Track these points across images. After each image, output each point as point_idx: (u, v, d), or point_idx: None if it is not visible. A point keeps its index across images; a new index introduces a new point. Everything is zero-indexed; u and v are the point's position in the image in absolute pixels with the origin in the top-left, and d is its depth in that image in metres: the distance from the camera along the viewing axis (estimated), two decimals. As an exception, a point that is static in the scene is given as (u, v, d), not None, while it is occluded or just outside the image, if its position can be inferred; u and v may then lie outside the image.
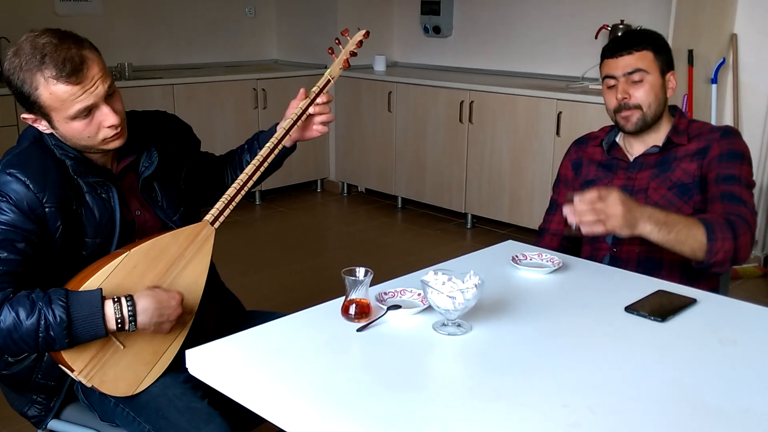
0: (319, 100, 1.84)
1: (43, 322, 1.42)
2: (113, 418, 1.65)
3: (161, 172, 1.74)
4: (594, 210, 1.62)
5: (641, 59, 1.96)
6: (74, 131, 1.54)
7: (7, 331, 1.42)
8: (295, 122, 1.81)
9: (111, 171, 1.67)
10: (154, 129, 1.78)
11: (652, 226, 1.69)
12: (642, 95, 1.95)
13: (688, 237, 1.73)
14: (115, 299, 1.48)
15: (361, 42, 1.89)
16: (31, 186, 1.51)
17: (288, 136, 1.82)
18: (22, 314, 1.41)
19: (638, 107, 1.96)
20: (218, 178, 1.98)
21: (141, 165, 1.70)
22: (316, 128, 1.88)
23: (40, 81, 1.48)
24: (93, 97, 1.51)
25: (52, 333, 1.42)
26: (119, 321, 1.48)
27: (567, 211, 1.65)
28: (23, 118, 1.57)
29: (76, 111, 1.51)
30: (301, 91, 1.86)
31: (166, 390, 1.59)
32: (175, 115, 1.90)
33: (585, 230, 1.65)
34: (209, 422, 1.52)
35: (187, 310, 1.60)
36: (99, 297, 1.46)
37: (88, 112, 1.52)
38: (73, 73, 1.47)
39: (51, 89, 1.48)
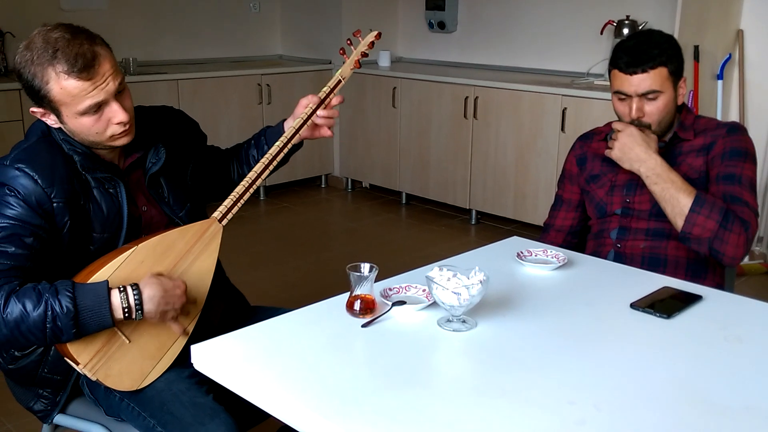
0: (332, 101, 1.83)
1: (50, 313, 1.42)
2: (118, 413, 1.65)
3: (168, 169, 1.74)
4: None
5: (656, 78, 1.89)
6: (83, 127, 1.54)
7: (15, 323, 1.42)
8: (304, 122, 1.81)
9: (118, 167, 1.68)
10: (162, 125, 1.78)
11: (646, 172, 1.86)
12: (655, 112, 1.92)
13: (671, 197, 1.83)
14: (121, 288, 1.48)
15: (372, 43, 1.89)
16: (39, 181, 1.51)
17: (297, 135, 1.82)
18: (29, 306, 1.42)
19: (649, 126, 1.94)
20: (224, 173, 1.98)
21: (148, 161, 1.70)
22: (322, 131, 1.87)
23: (51, 75, 1.48)
24: (103, 93, 1.51)
25: (59, 323, 1.43)
26: (126, 310, 1.48)
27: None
28: (32, 111, 1.58)
29: (85, 107, 1.51)
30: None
31: (171, 385, 1.59)
32: (182, 111, 1.90)
33: (607, 153, 1.96)
34: (214, 417, 1.53)
35: (191, 299, 1.61)
36: (105, 287, 1.47)
37: (98, 108, 1.52)
38: (85, 68, 1.48)
39: (62, 84, 1.48)
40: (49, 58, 1.47)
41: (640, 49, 1.91)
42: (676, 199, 1.82)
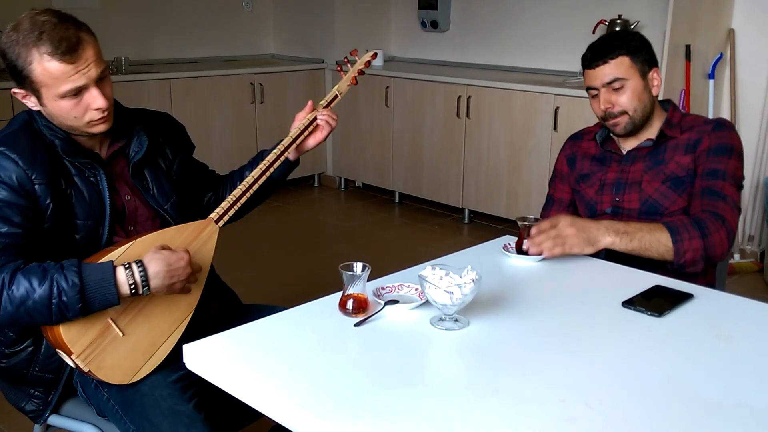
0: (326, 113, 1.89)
1: (56, 288, 1.42)
2: (105, 413, 1.65)
3: (152, 160, 1.75)
4: (550, 237, 1.76)
5: (617, 67, 1.94)
6: (62, 110, 1.55)
7: (20, 299, 1.42)
8: (302, 131, 1.86)
9: (99, 155, 1.68)
10: (146, 119, 1.80)
11: (612, 238, 1.80)
12: (625, 101, 1.95)
13: (652, 242, 1.80)
14: (126, 265, 1.49)
15: (369, 62, 1.99)
16: (20, 163, 1.52)
17: (294, 144, 1.85)
18: (35, 282, 1.42)
19: (624, 113, 1.96)
20: (214, 190, 1.98)
21: (131, 150, 1.71)
22: (318, 131, 1.91)
23: (34, 56, 1.49)
24: (85, 78, 1.52)
25: (65, 299, 1.42)
26: (132, 286, 1.49)
27: (526, 244, 1.79)
28: (13, 92, 1.59)
29: (66, 90, 1.52)
30: (309, 103, 1.92)
31: (155, 390, 1.58)
32: (169, 114, 1.91)
33: (547, 254, 1.77)
34: (190, 427, 1.52)
35: (196, 267, 1.61)
36: (110, 264, 1.48)
37: (78, 92, 1.54)
38: (68, 52, 1.49)
39: (44, 65, 1.50)
40: (35, 40, 1.49)
41: (602, 44, 1.99)
42: (658, 241, 1.80)
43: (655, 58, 2.01)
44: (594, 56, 1.97)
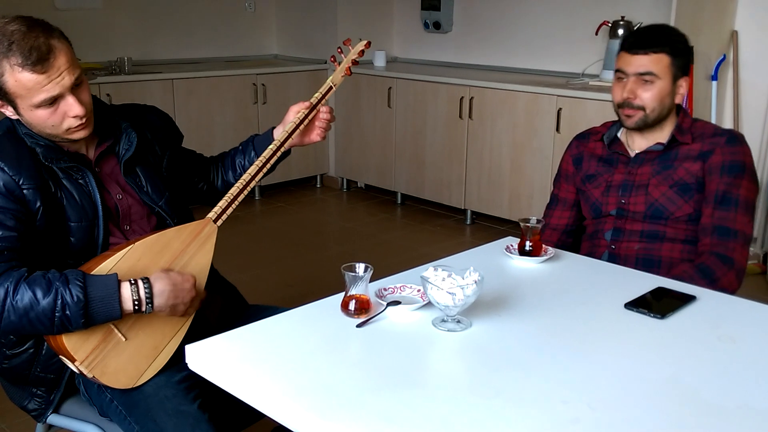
0: (320, 109, 1.87)
1: (59, 302, 1.42)
2: (108, 414, 1.65)
3: (142, 157, 1.75)
4: None
5: (656, 62, 1.91)
6: (38, 119, 1.54)
7: (24, 309, 1.42)
8: (297, 126, 1.84)
9: (84, 156, 1.67)
10: (132, 115, 1.79)
11: None
12: (648, 98, 1.93)
13: None
14: (132, 281, 1.50)
15: (362, 51, 1.96)
16: (6, 169, 1.51)
17: (290, 139, 1.83)
18: (39, 293, 1.42)
19: (641, 108, 1.94)
20: (205, 178, 1.98)
21: (121, 148, 1.70)
22: (316, 133, 1.90)
23: (5, 68, 1.48)
24: (58, 87, 1.51)
25: (68, 312, 1.43)
26: (136, 302, 1.49)
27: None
28: None
29: (40, 100, 1.50)
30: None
31: (159, 390, 1.58)
32: (155, 107, 1.91)
33: None
34: (195, 427, 1.52)
35: (200, 293, 1.62)
36: (115, 279, 1.48)
37: (53, 101, 1.52)
38: (39, 62, 1.47)
39: (16, 77, 1.48)
40: (5, 51, 1.47)
41: (649, 33, 1.97)
42: None
43: (689, 68, 1.99)
44: (637, 42, 1.94)
